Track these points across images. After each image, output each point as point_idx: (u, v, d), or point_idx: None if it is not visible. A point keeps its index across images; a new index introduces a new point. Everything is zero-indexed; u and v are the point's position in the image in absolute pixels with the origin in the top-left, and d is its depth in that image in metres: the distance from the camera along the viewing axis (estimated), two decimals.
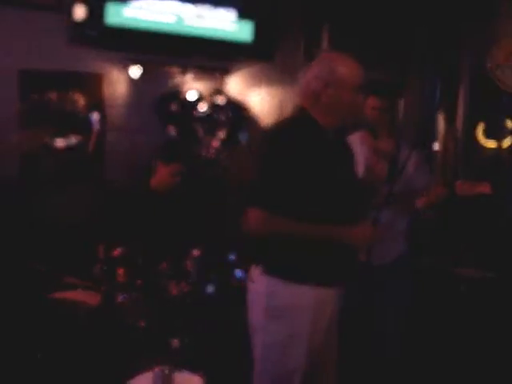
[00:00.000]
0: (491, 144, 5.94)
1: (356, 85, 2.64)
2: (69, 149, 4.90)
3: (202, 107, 5.19)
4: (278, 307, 2.62)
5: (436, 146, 6.15)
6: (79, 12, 4.52)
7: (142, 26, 4.66)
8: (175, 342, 3.87)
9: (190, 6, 4.79)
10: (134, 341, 3.79)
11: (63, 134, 4.89)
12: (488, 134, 6.01)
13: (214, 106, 5.22)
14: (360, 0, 5.40)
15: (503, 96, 5.50)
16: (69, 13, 4.57)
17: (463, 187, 3.67)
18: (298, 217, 2.55)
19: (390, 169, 3.59)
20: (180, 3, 4.76)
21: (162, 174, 4.30)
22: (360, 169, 2.85)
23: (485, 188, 3.63)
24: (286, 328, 2.61)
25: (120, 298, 3.79)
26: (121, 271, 3.84)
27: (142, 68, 5.08)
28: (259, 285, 2.70)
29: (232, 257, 4.30)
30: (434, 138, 6.14)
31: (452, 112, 6.06)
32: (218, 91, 5.30)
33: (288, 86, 5.63)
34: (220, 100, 5.25)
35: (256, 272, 2.72)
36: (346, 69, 2.65)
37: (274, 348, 2.64)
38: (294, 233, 2.57)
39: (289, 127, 2.71)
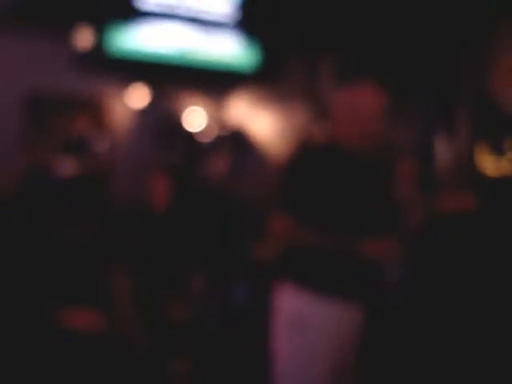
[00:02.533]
0: (492, 165, 5.95)
1: (377, 110, 2.72)
2: (74, 172, 4.94)
3: (206, 133, 5.23)
4: (302, 319, 2.64)
5: (436, 168, 6.17)
6: (83, 38, 4.59)
7: (146, 53, 4.73)
8: (179, 366, 3.90)
9: (192, 34, 4.85)
10: (137, 365, 3.80)
11: (68, 158, 4.93)
12: (488, 154, 6.03)
13: (217, 132, 5.26)
14: (362, 26, 5.45)
15: (504, 115, 5.52)
16: (73, 39, 4.65)
17: (447, 201, 3.69)
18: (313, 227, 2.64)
19: None
20: (183, 32, 4.82)
21: (159, 190, 4.33)
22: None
23: (468, 202, 3.65)
24: (308, 340, 2.63)
25: (123, 322, 3.81)
26: (124, 294, 3.86)
27: (145, 94, 5.12)
28: (283, 296, 2.73)
29: (237, 279, 4.33)
30: (433, 160, 6.16)
31: (453, 131, 6.08)
32: (222, 117, 5.35)
33: (291, 111, 5.67)
34: (224, 126, 5.30)
35: (280, 284, 2.76)
36: (365, 97, 2.74)
37: (294, 359, 2.65)
38: (313, 240, 2.63)
39: (315, 150, 2.81)
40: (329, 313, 2.64)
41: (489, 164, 6.01)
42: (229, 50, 4.99)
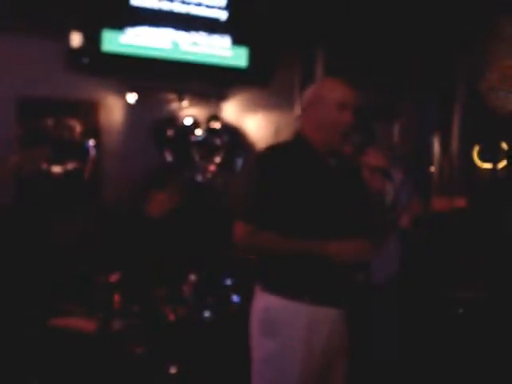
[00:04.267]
0: (487, 166, 5.96)
1: (338, 102, 2.67)
2: (65, 175, 4.91)
3: (198, 133, 5.21)
4: (272, 324, 2.63)
5: (432, 169, 6.17)
6: (75, 39, 4.56)
7: (138, 52, 4.71)
8: (173, 368, 3.86)
9: (185, 33, 4.84)
10: (131, 367, 3.77)
11: (60, 161, 4.90)
12: (483, 156, 6.04)
13: (210, 132, 5.23)
14: (355, 25, 5.44)
15: (498, 118, 5.52)
16: (65, 40, 4.62)
17: (439, 202, 3.68)
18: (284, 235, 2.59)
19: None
20: (175, 30, 4.81)
21: (158, 201, 4.32)
22: None
23: (460, 202, 3.65)
24: (279, 345, 2.61)
25: (117, 325, 3.79)
26: (117, 297, 3.83)
27: (138, 94, 5.10)
28: (257, 301, 2.72)
29: (229, 282, 4.30)
30: (429, 161, 6.16)
31: (447, 134, 6.08)
32: (214, 117, 5.32)
33: (284, 110, 5.66)
34: (216, 125, 5.27)
35: (255, 289, 2.74)
36: (331, 88, 2.71)
37: (267, 365, 2.64)
38: (277, 247, 2.60)
39: (281, 148, 2.78)
40: (298, 316, 2.61)
41: (483, 166, 6.02)
42: (221, 49, 4.97)
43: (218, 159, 5.15)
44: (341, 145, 2.71)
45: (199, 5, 4.89)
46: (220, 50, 4.96)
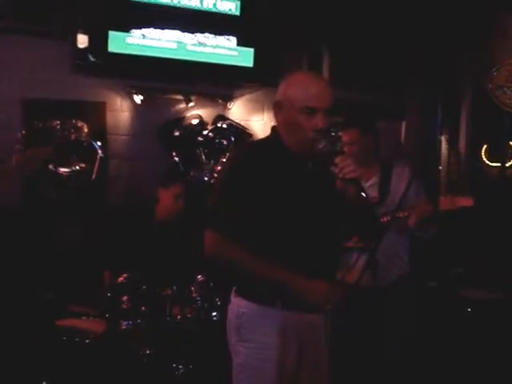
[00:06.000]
0: (495, 164, 5.95)
1: (305, 106, 2.48)
2: (72, 176, 4.91)
3: (205, 133, 5.20)
4: (246, 329, 2.58)
5: (439, 168, 6.16)
6: (82, 40, 4.56)
7: (144, 53, 4.70)
8: (180, 369, 3.85)
9: (191, 34, 4.83)
10: (139, 368, 3.77)
11: (67, 162, 4.90)
12: (491, 155, 6.03)
13: (217, 132, 5.23)
14: (361, 24, 5.43)
15: (505, 117, 5.51)
16: (71, 41, 4.63)
17: (445, 201, 3.64)
18: (253, 243, 2.48)
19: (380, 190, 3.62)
20: (181, 31, 4.81)
21: (165, 199, 4.31)
22: None
23: (467, 201, 3.61)
24: (253, 350, 2.57)
25: (125, 325, 3.78)
26: (125, 298, 3.82)
27: (144, 95, 5.10)
28: (232, 305, 2.68)
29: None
30: (437, 160, 6.15)
31: (455, 133, 6.07)
32: (221, 117, 5.32)
33: None
34: (223, 126, 5.26)
35: (232, 293, 2.71)
36: (298, 89, 2.52)
37: (244, 370, 2.60)
38: (249, 269, 2.50)
39: (255, 149, 2.68)
40: (271, 322, 2.55)
41: (491, 164, 6.01)
42: (227, 49, 4.96)
43: (225, 160, 5.14)
44: (311, 150, 2.52)
45: (205, 5, 4.89)
46: (226, 50, 4.95)
